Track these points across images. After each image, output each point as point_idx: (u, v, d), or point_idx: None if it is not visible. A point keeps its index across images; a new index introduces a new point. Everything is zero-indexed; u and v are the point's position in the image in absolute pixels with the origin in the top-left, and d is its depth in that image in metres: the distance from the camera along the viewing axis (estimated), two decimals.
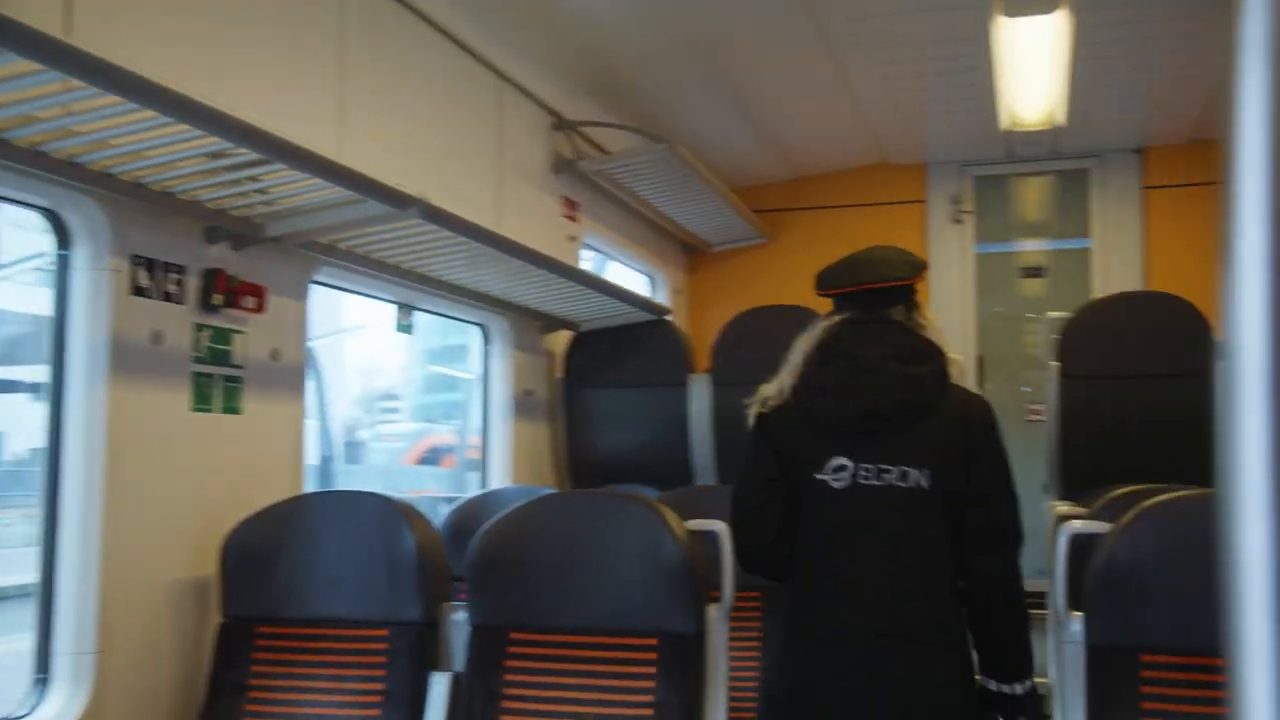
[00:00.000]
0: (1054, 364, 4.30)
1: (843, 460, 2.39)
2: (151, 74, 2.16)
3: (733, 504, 2.56)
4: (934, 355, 2.44)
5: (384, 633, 2.69)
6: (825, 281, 2.60)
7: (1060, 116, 5.65)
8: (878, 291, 2.50)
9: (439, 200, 3.02)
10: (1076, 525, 2.44)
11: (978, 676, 2.41)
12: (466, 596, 2.68)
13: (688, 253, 6.75)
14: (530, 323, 4.70)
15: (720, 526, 2.61)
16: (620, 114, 5.16)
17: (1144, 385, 4.18)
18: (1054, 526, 3.52)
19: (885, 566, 2.37)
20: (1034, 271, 6.30)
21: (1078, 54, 4.81)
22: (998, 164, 6.39)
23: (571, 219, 5.01)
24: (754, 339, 4.61)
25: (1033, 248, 6.37)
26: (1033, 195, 6.44)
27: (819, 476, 2.41)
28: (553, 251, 4.11)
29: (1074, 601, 2.51)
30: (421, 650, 2.68)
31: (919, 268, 2.55)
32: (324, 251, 3.23)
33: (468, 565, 2.67)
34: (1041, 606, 3.53)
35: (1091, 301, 4.40)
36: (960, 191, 6.43)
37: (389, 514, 2.74)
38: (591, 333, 4.82)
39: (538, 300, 4.40)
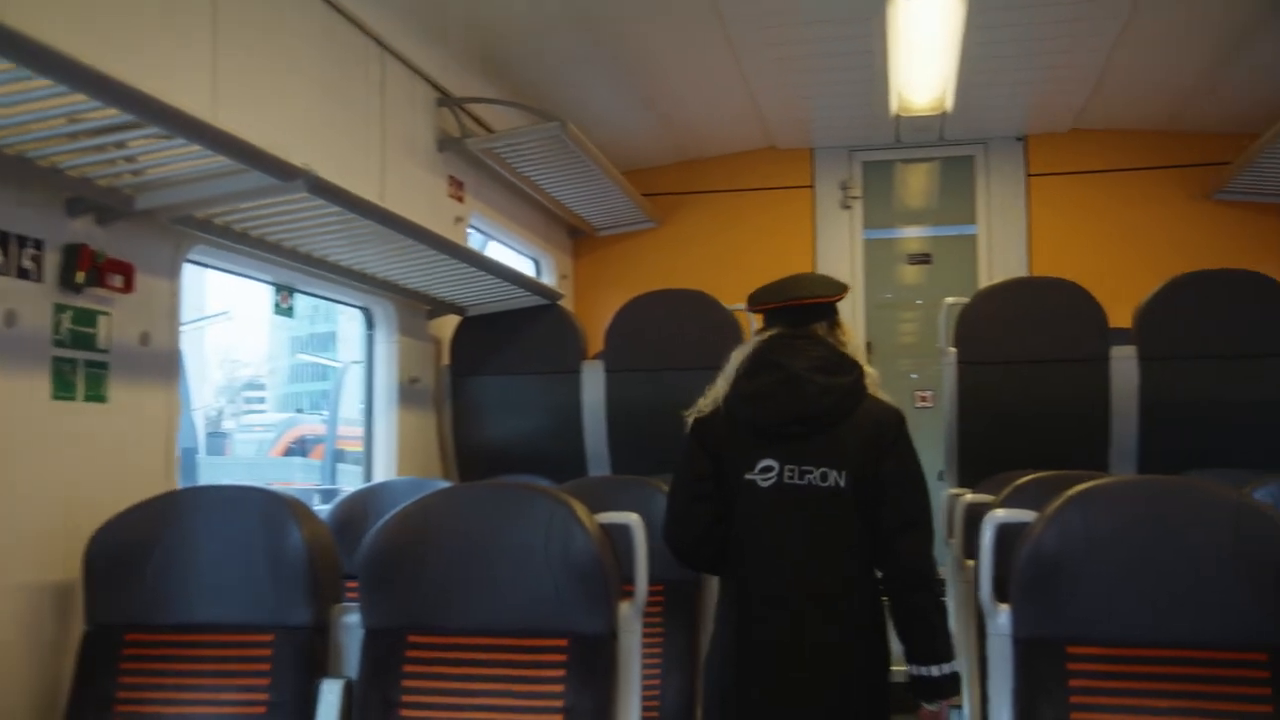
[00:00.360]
0: (951, 350, 4.28)
1: (770, 461, 2.64)
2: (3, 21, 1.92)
3: (668, 503, 2.77)
4: (853, 368, 2.70)
5: (268, 638, 2.48)
6: (758, 298, 2.84)
7: (949, 102, 5.66)
8: (804, 308, 2.76)
9: (320, 174, 2.81)
10: (1001, 515, 2.37)
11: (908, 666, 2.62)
12: (359, 597, 2.49)
13: (574, 237, 6.60)
14: (416, 307, 4.49)
15: (633, 519, 2.51)
16: (508, 91, 4.97)
17: (1041, 371, 4.18)
18: (954, 513, 3.48)
19: (808, 557, 2.61)
20: (921, 258, 6.32)
21: (968, 39, 4.80)
22: (886, 149, 6.38)
23: (458, 199, 4.81)
24: (649, 323, 4.49)
25: (919, 234, 6.38)
26: (920, 182, 6.46)
27: (748, 477, 2.65)
28: (439, 231, 3.92)
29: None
30: (310, 656, 2.48)
31: (840, 288, 2.82)
32: (199, 227, 2.98)
33: (361, 563, 2.48)
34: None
35: (989, 287, 4.40)
36: (848, 177, 6.41)
37: (273, 509, 2.53)
38: (479, 318, 4.63)
39: (424, 283, 4.20)
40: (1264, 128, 5.30)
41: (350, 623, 2.52)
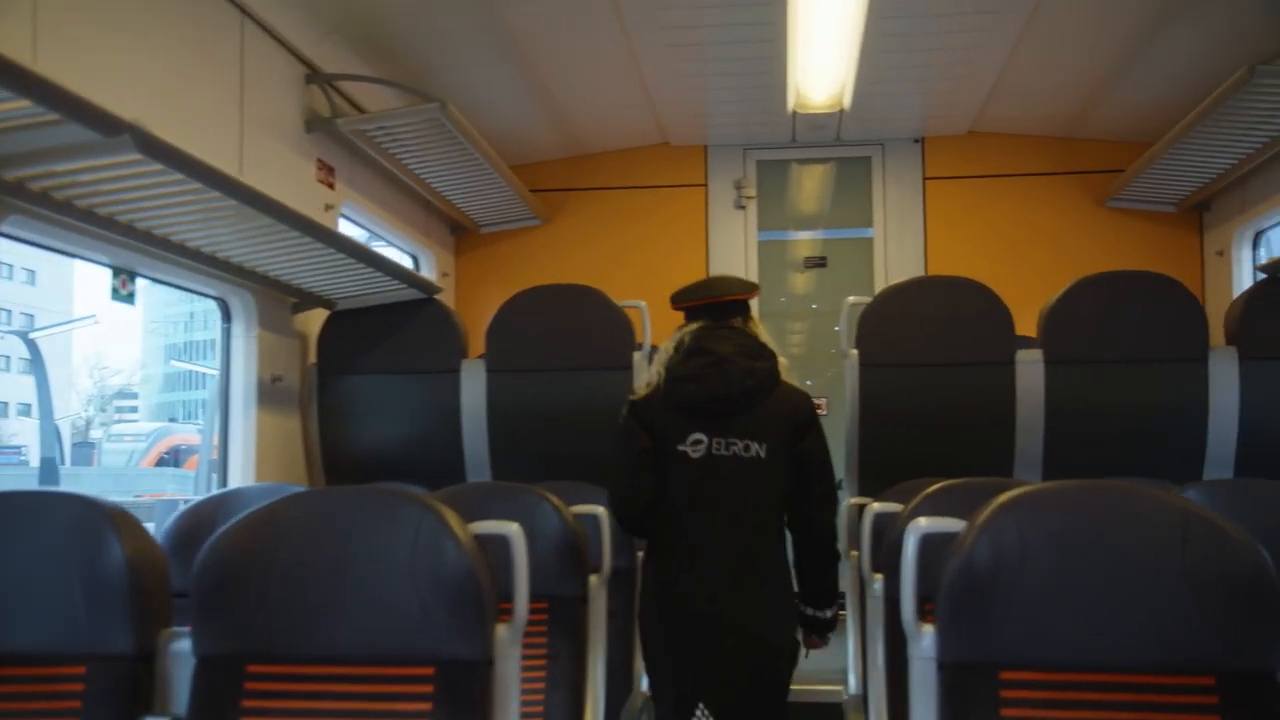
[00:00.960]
0: (853, 352, 4.07)
1: (700, 435, 3.06)
2: None
3: (612, 475, 3.15)
4: (769, 355, 3.15)
5: (80, 670, 2.10)
6: (684, 296, 3.27)
7: (847, 100, 5.48)
8: (724, 304, 3.21)
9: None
10: (926, 525, 2.12)
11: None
12: (192, 621, 2.12)
13: (456, 233, 6.26)
14: (279, 298, 4.11)
15: (513, 529, 2.20)
16: (385, 72, 4.63)
17: (947, 374, 3.99)
18: (860, 524, 3.25)
19: (732, 516, 3.04)
20: (817, 261, 6.14)
21: (868, 36, 4.63)
22: (782, 148, 6.19)
23: (328, 185, 4.45)
24: (535, 321, 4.20)
25: (815, 237, 6.20)
26: (815, 183, 6.28)
27: (681, 448, 3.06)
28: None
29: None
30: (131, 689, 2.11)
31: (753, 287, 3.28)
32: (10, 192, 2.58)
33: (193, 580, 2.10)
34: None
35: (893, 286, 4.20)
36: (743, 176, 6.20)
37: (90, 519, 2.14)
38: (350, 312, 4.27)
39: (288, 271, 3.84)
40: (1158, 136, 5.25)
41: (180, 650, 2.14)
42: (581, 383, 4.16)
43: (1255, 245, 5.43)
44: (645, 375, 3.29)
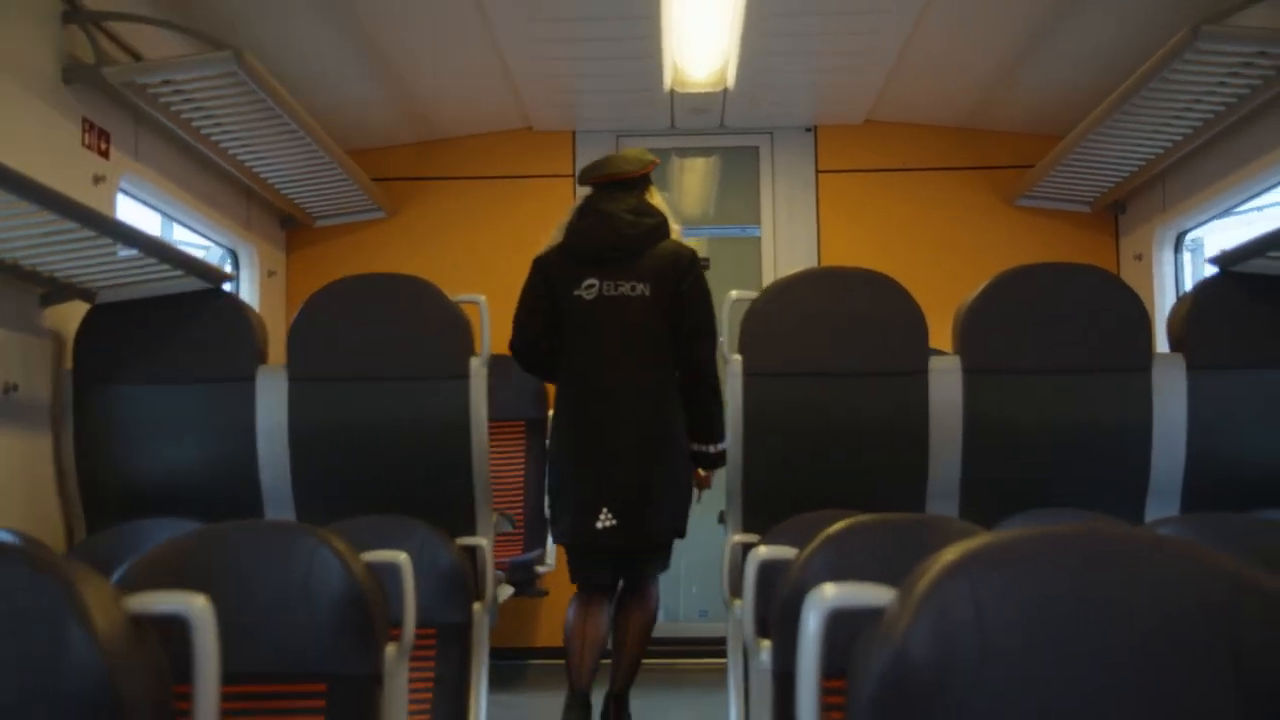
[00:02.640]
0: (735, 358, 3.37)
1: (592, 280, 3.50)
2: None
3: (514, 321, 3.61)
4: (657, 214, 3.61)
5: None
6: (586, 174, 3.69)
7: (730, 78, 4.85)
8: (619, 181, 3.62)
9: None
10: (834, 594, 1.41)
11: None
12: None
13: (287, 227, 5.44)
14: (22, 287, 3.26)
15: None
16: (174, 14, 3.82)
17: (847, 385, 3.33)
18: (744, 574, 2.57)
19: (622, 351, 3.47)
20: (701, 263, 5.44)
21: (751, 5, 4.01)
22: (660, 135, 5.52)
23: (99, 152, 3.61)
24: (346, 319, 3.44)
25: (697, 236, 5.50)
26: (697, 175, 5.61)
27: (576, 293, 3.51)
28: (66, 191, 2.77)
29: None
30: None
31: (649, 163, 3.69)
32: None
33: None
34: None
35: (785, 279, 3.51)
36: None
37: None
38: (115, 306, 3.41)
39: (29, 254, 3.02)
40: (1067, 128, 4.72)
41: None
42: (406, 394, 3.40)
43: (1178, 248, 4.91)
44: (548, 238, 3.71)
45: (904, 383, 3.31)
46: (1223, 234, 4.96)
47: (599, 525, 3.38)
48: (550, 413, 5.20)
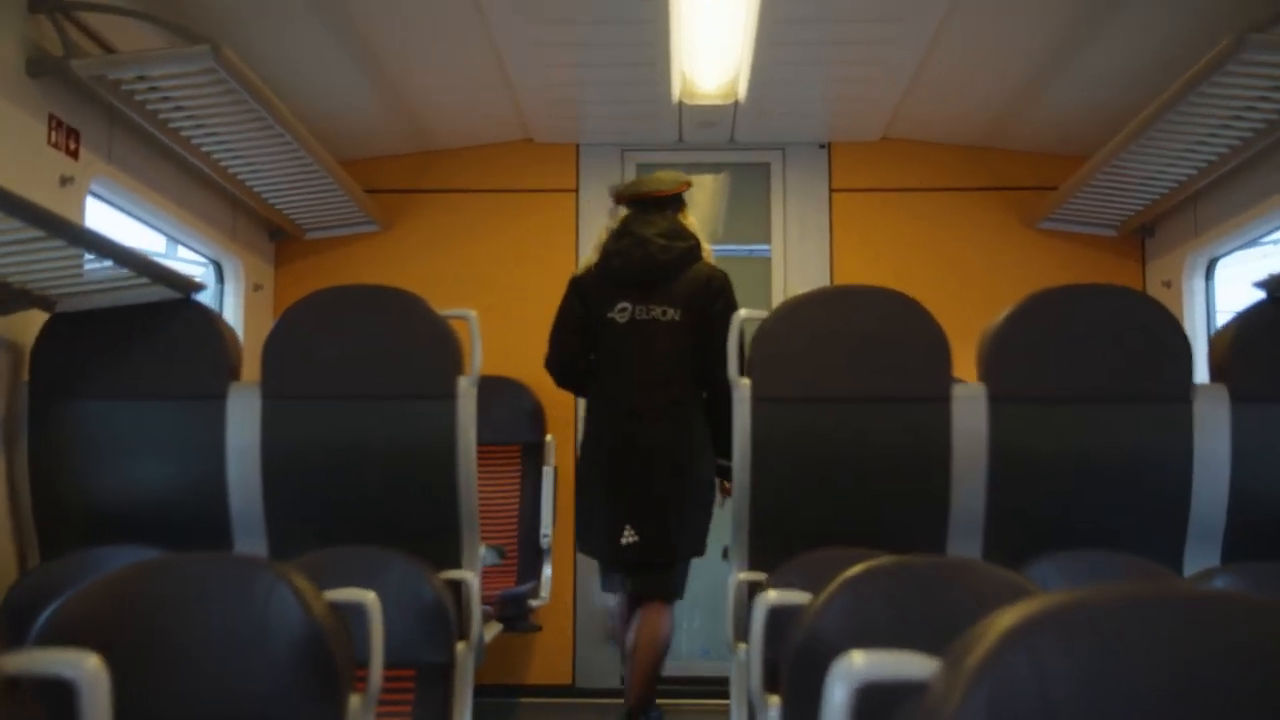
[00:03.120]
0: (743, 382, 3.13)
1: (625, 304, 3.69)
2: None
3: (550, 338, 3.80)
4: (691, 237, 3.73)
5: None
6: (618, 194, 3.87)
7: (741, 90, 4.62)
8: (656, 199, 3.78)
9: None
10: (862, 664, 1.18)
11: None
12: None
13: (276, 239, 5.21)
14: None
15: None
16: (154, 6, 3.60)
17: (864, 413, 3.09)
18: (753, 611, 2.35)
19: (653, 372, 3.64)
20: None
21: (765, 14, 3.81)
22: (666, 150, 5.29)
23: (67, 152, 3.39)
24: (326, 334, 3.21)
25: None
26: (706, 192, 5.38)
27: (610, 315, 3.70)
28: (29, 192, 2.54)
29: None
30: None
31: (684, 182, 3.82)
32: None
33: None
34: None
35: (797, 298, 3.25)
36: (620, 181, 5.28)
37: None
38: (76, 316, 3.17)
39: None
40: (1092, 148, 4.49)
41: None
42: (389, 415, 3.16)
43: (1209, 275, 4.67)
44: (585, 258, 3.93)
45: (925, 410, 3.06)
46: (1240, 266, 4.76)
47: (623, 541, 3.55)
48: (548, 437, 5.03)
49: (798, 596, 2.12)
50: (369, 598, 2.26)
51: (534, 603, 4.61)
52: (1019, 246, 5.11)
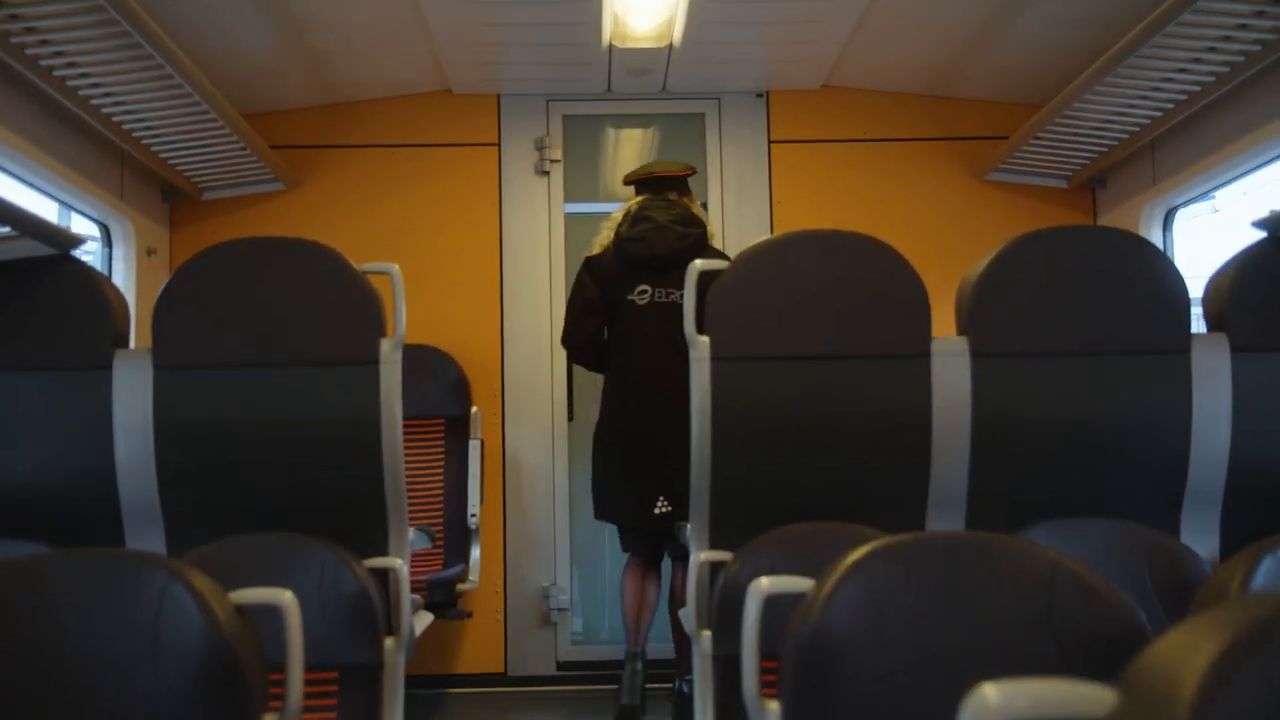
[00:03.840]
0: (701, 340, 2.81)
1: (645, 286, 3.87)
2: None
3: (565, 316, 4.04)
4: (700, 223, 3.94)
5: None
6: (627, 179, 4.08)
7: (677, 35, 4.30)
8: (660, 180, 4.00)
9: None
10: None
11: None
12: None
13: (171, 199, 4.77)
14: None
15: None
16: None
17: (835, 373, 2.79)
18: (713, 593, 2.11)
19: (673, 352, 3.56)
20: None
21: None
22: (595, 100, 4.95)
23: None
24: (227, 293, 2.82)
25: None
26: (636, 144, 5.05)
27: (629, 297, 3.88)
28: None
29: None
30: None
31: (689, 168, 4.08)
32: None
33: None
34: None
35: (760, 245, 2.92)
36: (545, 134, 4.94)
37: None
38: None
39: None
40: (1045, 96, 4.27)
41: None
42: (302, 385, 2.78)
43: (1166, 226, 4.47)
44: (598, 238, 4.04)
45: (902, 368, 2.78)
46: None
47: (657, 511, 3.76)
48: (473, 409, 4.68)
49: (796, 584, 1.81)
50: (284, 597, 1.92)
51: (463, 587, 4.27)
52: (968, 199, 4.88)
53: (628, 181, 4.05)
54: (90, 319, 2.77)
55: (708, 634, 2.65)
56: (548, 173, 4.92)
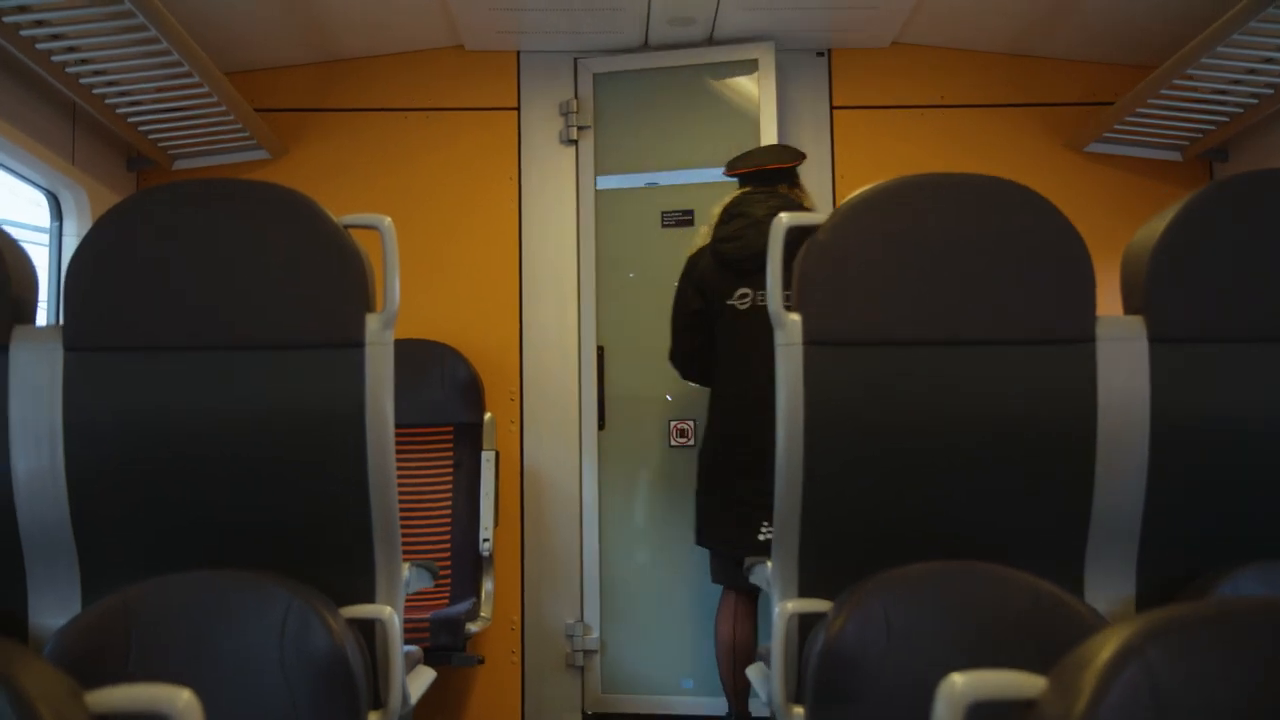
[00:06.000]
0: (791, 319, 2.12)
1: (745, 290, 3.48)
2: None
3: (672, 332, 3.66)
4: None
5: None
6: (732, 164, 3.67)
7: None
8: (768, 172, 3.59)
9: None
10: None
11: None
12: None
13: (138, 168, 4.14)
14: None
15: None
16: None
17: (970, 360, 2.10)
18: (806, 656, 1.49)
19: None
20: (681, 217, 4.20)
21: None
22: (630, 53, 4.29)
23: None
24: (169, 251, 2.16)
25: (677, 182, 4.25)
26: (678, 109, 4.37)
27: (729, 302, 3.50)
28: None
29: None
30: None
31: (797, 156, 3.66)
32: None
33: None
34: None
35: (869, 192, 2.22)
36: (573, 97, 4.28)
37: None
38: None
39: None
40: (1159, 54, 3.62)
41: None
42: (263, 373, 2.11)
43: None
44: (697, 234, 3.73)
45: (1058, 357, 2.09)
46: None
47: (760, 538, 3.40)
48: (487, 415, 4.02)
49: (1008, 683, 1.24)
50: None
51: (473, 626, 3.59)
52: (1061, 173, 4.21)
53: (731, 174, 3.67)
54: None
55: (800, 711, 1.99)
56: (575, 141, 4.26)
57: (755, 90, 4.20)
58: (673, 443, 4.08)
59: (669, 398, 4.11)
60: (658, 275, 4.03)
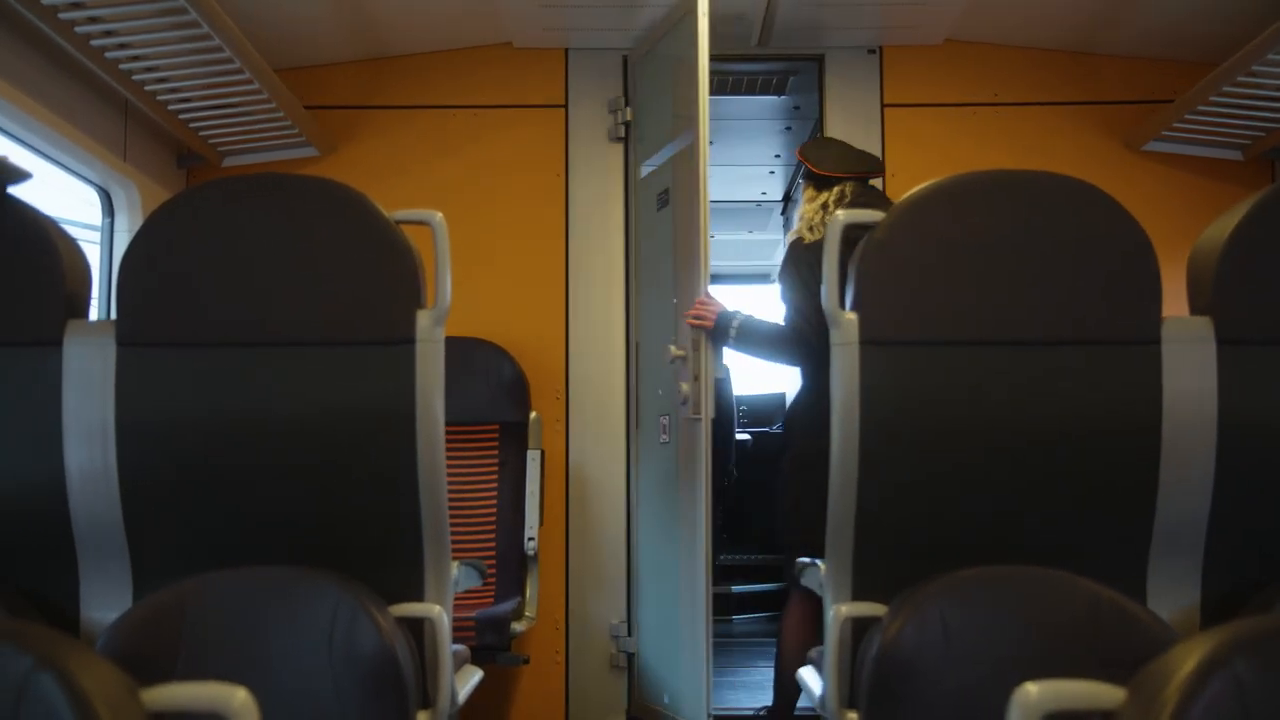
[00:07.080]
0: (847, 318, 2.08)
1: None
2: None
3: (796, 307, 3.38)
4: None
5: None
6: (830, 167, 3.54)
7: None
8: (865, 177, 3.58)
9: None
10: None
11: None
12: None
13: (188, 165, 4.16)
14: None
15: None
16: None
17: (1032, 361, 2.06)
18: (859, 664, 1.47)
19: None
20: None
21: None
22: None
23: None
24: (220, 248, 2.15)
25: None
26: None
27: None
28: None
29: None
30: None
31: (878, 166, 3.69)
32: None
33: None
34: None
35: (928, 189, 2.18)
36: (621, 94, 4.26)
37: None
38: None
39: None
40: (1220, 51, 3.54)
41: None
42: (313, 370, 2.10)
43: None
44: (803, 222, 3.48)
45: (1123, 358, 2.04)
46: None
47: None
48: (533, 414, 3.99)
49: (1083, 693, 1.23)
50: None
51: (518, 626, 3.57)
52: (1119, 172, 4.13)
53: (833, 174, 3.53)
54: (37, 279, 2.10)
55: (854, 716, 1.96)
56: (623, 138, 4.24)
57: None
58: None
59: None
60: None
